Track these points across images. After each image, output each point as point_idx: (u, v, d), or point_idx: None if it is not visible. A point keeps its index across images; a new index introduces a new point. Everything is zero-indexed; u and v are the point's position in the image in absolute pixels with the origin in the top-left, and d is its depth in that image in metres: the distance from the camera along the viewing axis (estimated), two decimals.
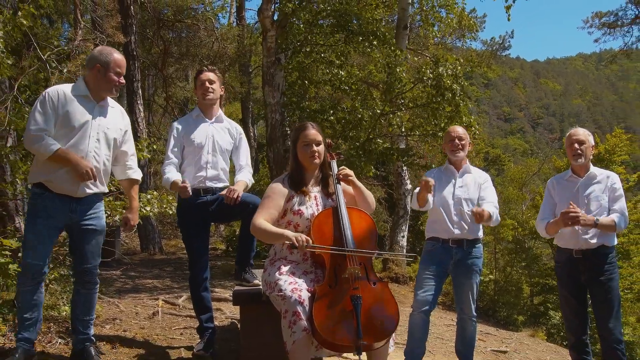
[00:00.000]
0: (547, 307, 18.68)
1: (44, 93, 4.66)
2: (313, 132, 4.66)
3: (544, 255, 20.28)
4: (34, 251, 4.59)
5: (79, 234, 4.80)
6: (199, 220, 5.51)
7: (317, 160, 4.69)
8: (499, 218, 5.94)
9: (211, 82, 5.55)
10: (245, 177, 5.58)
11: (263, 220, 4.50)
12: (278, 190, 4.66)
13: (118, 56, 4.77)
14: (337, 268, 4.37)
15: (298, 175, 4.73)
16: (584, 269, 5.36)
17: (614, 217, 5.34)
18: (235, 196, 5.16)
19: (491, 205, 5.69)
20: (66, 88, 4.76)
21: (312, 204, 4.68)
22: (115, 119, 4.89)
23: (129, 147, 5.04)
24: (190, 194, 5.06)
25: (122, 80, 4.80)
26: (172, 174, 5.40)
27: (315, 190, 4.76)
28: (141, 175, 5.16)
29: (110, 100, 4.93)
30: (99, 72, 4.71)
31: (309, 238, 4.34)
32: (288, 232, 4.38)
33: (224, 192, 5.29)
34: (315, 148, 4.65)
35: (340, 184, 4.75)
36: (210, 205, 5.46)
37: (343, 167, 4.84)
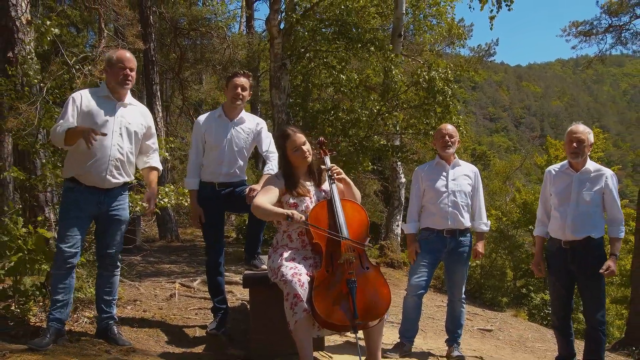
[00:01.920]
0: (528, 290, 18.66)
1: (69, 96, 4.72)
2: (297, 136, 4.67)
3: (526, 243, 20.29)
4: (66, 240, 4.61)
5: (105, 222, 4.84)
6: (214, 211, 5.51)
7: (309, 158, 4.71)
8: (489, 223, 5.99)
9: (244, 88, 5.45)
10: (270, 168, 5.51)
11: (263, 200, 4.52)
12: (274, 181, 4.68)
13: (121, 52, 4.79)
14: (333, 254, 4.39)
15: (291, 175, 4.71)
16: (573, 259, 5.29)
17: (619, 235, 5.34)
18: (253, 195, 5.09)
19: (484, 224, 5.89)
20: (89, 91, 4.83)
21: (306, 197, 4.68)
22: (137, 115, 4.89)
23: (152, 142, 5.06)
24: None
25: (129, 73, 4.72)
26: (192, 179, 5.54)
27: (308, 184, 4.76)
28: (161, 166, 5.15)
29: (133, 100, 4.94)
30: (108, 71, 4.77)
31: (302, 216, 4.38)
32: (287, 210, 4.41)
33: (246, 191, 5.28)
34: (304, 148, 4.65)
35: (333, 178, 4.74)
36: (225, 198, 5.47)
37: (334, 165, 4.84)
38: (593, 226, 5.28)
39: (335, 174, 4.74)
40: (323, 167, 4.82)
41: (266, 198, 4.55)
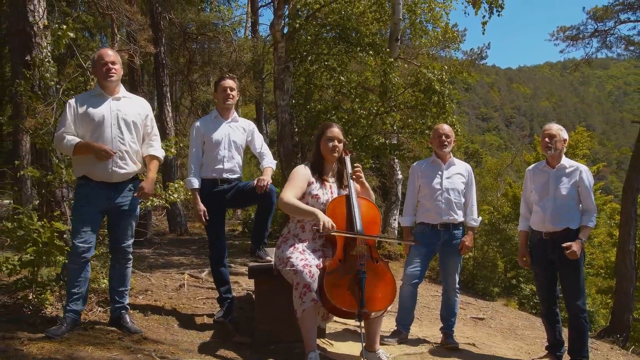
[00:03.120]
0: (518, 281, 18.67)
1: (67, 103, 4.80)
2: (336, 131, 4.73)
3: (516, 236, 20.29)
4: (80, 235, 4.64)
5: (116, 216, 4.86)
6: (216, 207, 5.50)
7: (335, 154, 4.74)
8: (479, 219, 6.01)
9: (232, 89, 5.54)
10: (269, 162, 5.58)
11: (292, 196, 4.53)
12: (303, 172, 4.71)
13: (101, 50, 4.85)
14: (347, 246, 4.43)
15: (319, 165, 4.78)
16: (553, 250, 5.35)
17: (589, 223, 5.35)
18: (264, 184, 5.19)
19: (473, 220, 5.91)
20: (83, 94, 4.95)
21: (328, 192, 4.73)
22: (133, 106, 4.91)
23: (152, 128, 5.05)
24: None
25: (111, 67, 4.74)
26: (193, 178, 5.48)
27: (331, 181, 4.81)
28: (162, 154, 5.14)
29: (127, 93, 4.98)
30: (94, 70, 4.86)
31: (334, 224, 4.37)
32: (320, 214, 4.40)
33: (254, 182, 5.30)
34: (336, 143, 4.70)
35: (352, 178, 4.78)
36: (226, 194, 5.49)
37: (358, 165, 4.88)
38: (571, 218, 5.35)
39: (356, 174, 4.78)
40: (344, 167, 4.86)
41: (293, 192, 4.58)
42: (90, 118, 4.66)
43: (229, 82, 5.56)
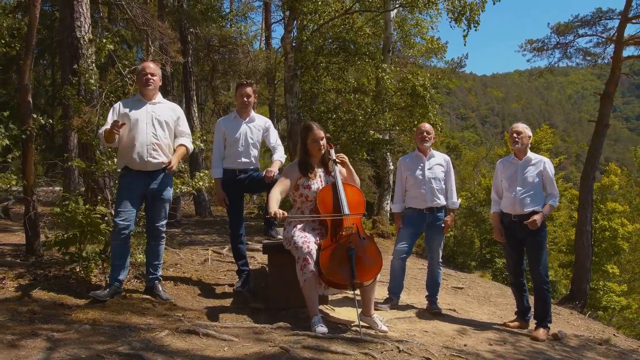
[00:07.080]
0: (492, 256, 18.73)
1: (112, 106, 4.94)
2: (318, 132, 4.68)
3: (490, 218, 20.36)
4: (119, 215, 4.70)
5: (151, 200, 4.91)
6: (235, 193, 5.53)
7: (322, 151, 4.72)
8: (458, 201, 6.04)
9: (248, 95, 5.54)
10: (279, 156, 5.57)
11: (277, 191, 4.57)
12: (290, 171, 4.71)
13: (145, 63, 4.96)
14: (337, 227, 4.45)
15: (307, 162, 4.74)
16: (520, 229, 5.37)
17: (551, 202, 5.40)
18: (271, 175, 5.21)
19: (453, 203, 5.93)
20: (127, 99, 5.07)
21: (317, 180, 4.72)
22: (166, 109, 4.98)
23: (184, 128, 5.10)
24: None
25: (150, 77, 4.85)
26: (217, 169, 5.54)
27: (319, 171, 4.78)
28: (190, 146, 5.17)
29: (163, 100, 5.03)
30: (137, 79, 4.98)
31: (285, 212, 4.39)
32: (273, 207, 4.40)
33: (264, 173, 5.33)
34: (320, 143, 4.67)
35: (337, 166, 4.78)
36: (244, 182, 5.50)
37: (341, 153, 4.87)
38: (537, 203, 5.39)
39: (340, 158, 4.77)
40: (329, 157, 4.82)
41: (281, 187, 4.62)
42: (129, 118, 4.74)
43: (247, 90, 5.55)
